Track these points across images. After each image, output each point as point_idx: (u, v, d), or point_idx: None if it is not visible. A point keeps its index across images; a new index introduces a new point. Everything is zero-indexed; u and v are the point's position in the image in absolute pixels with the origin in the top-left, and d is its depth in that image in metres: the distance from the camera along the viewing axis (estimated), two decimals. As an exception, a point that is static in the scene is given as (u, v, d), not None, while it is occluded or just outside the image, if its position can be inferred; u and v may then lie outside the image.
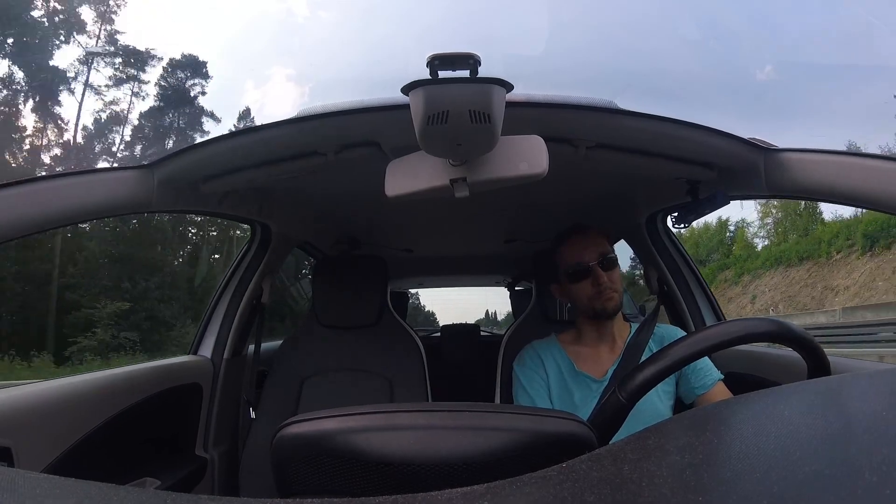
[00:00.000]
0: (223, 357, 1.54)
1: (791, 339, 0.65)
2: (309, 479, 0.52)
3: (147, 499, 0.34)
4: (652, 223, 1.61)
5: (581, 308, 1.19)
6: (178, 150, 1.04)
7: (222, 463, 1.48)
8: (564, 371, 1.18)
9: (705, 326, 0.80)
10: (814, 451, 0.29)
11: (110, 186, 0.98)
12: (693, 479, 0.29)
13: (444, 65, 0.65)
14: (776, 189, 1.00)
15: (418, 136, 0.74)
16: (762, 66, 25.68)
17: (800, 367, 0.68)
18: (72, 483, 0.32)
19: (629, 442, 0.36)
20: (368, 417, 0.51)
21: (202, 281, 14.99)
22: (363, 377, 1.53)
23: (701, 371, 1.12)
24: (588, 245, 1.17)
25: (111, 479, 0.33)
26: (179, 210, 1.19)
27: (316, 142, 1.05)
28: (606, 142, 1.05)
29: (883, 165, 0.81)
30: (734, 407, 0.43)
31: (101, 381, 1.16)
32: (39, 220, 0.87)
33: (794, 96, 29.89)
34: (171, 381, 1.35)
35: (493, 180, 0.82)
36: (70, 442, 1.01)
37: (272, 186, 1.34)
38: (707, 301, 1.58)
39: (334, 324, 1.61)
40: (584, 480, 0.30)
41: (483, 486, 0.31)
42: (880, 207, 0.81)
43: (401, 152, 0.88)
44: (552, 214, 1.76)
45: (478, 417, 0.52)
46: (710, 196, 1.22)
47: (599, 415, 0.65)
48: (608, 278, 1.14)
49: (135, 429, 1.20)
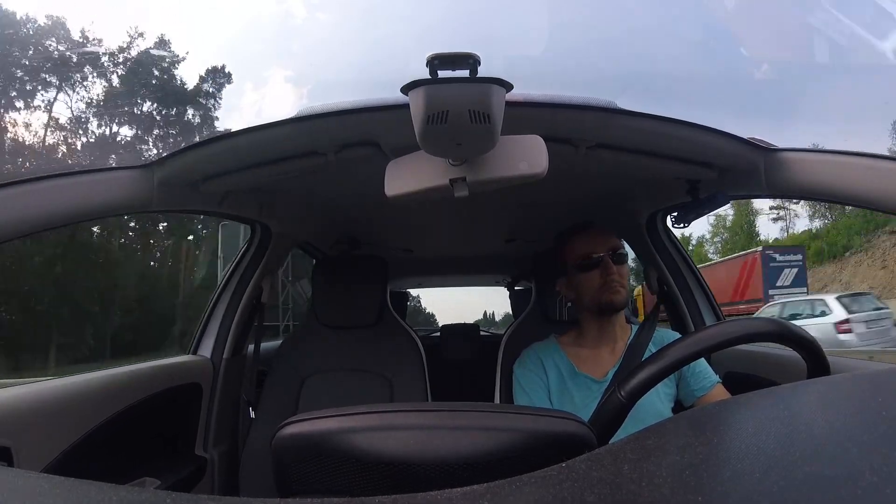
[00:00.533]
0: (223, 357, 1.53)
1: (791, 339, 0.65)
2: (309, 478, 0.52)
3: (147, 498, 0.34)
4: (652, 223, 1.61)
5: (587, 301, 1.18)
6: (178, 150, 1.04)
7: (222, 463, 1.48)
8: (564, 373, 1.17)
9: (705, 326, 0.80)
10: (814, 452, 0.29)
11: (110, 186, 0.98)
12: (693, 479, 0.29)
13: (443, 64, 0.65)
14: (776, 189, 1.00)
15: (418, 135, 0.73)
16: (759, 65, 25.71)
17: (800, 367, 0.68)
18: (71, 483, 0.32)
19: (629, 442, 0.36)
20: (368, 417, 0.51)
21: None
22: (363, 377, 1.53)
23: (699, 374, 1.13)
24: (600, 238, 1.18)
25: (111, 479, 0.33)
26: (179, 210, 1.19)
27: (315, 142, 1.05)
28: (606, 141, 1.05)
29: (883, 165, 0.81)
30: (734, 407, 0.43)
31: (100, 381, 1.16)
32: (38, 220, 0.87)
33: (793, 95, 29.99)
34: (170, 380, 1.35)
35: (493, 180, 0.82)
36: (70, 441, 1.01)
37: (272, 186, 1.33)
38: (707, 301, 1.58)
39: (334, 324, 1.61)
40: (584, 480, 0.30)
41: (483, 485, 0.31)
42: (880, 207, 0.81)
43: (400, 152, 0.88)
44: (552, 214, 1.76)
45: (477, 417, 0.52)
46: (710, 196, 1.22)
47: (599, 414, 0.65)
48: (617, 272, 1.15)
49: (134, 428, 1.20)
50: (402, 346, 1.57)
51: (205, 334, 1.57)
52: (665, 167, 1.13)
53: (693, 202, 1.27)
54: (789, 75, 28.84)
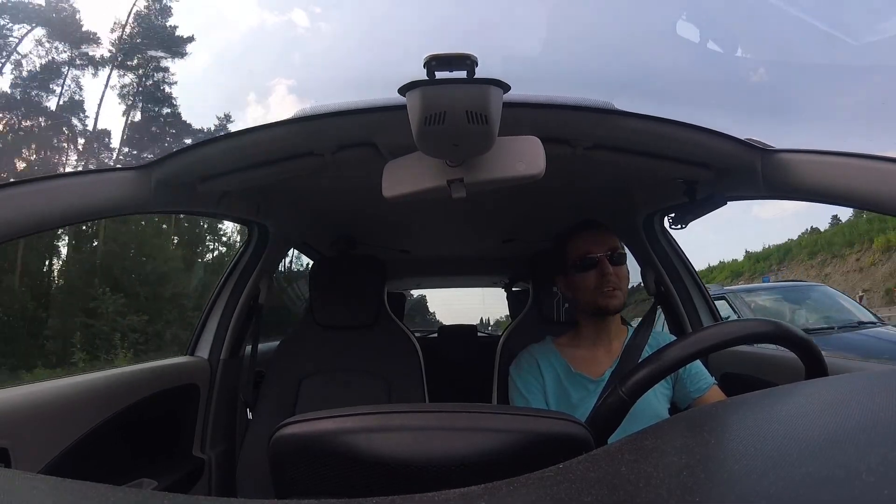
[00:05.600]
0: (220, 358, 1.53)
1: (790, 340, 0.65)
2: (306, 479, 0.52)
3: (144, 499, 0.34)
4: (649, 224, 1.61)
5: (583, 302, 1.18)
6: (176, 151, 1.04)
7: (219, 464, 1.48)
8: (561, 373, 1.17)
9: (704, 327, 0.80)
10: (811, 452, 0.29)
11: (108, 187, 0.98)
12: (690, 480, 0.29)
13: (441, 65, 0.65)
14: (773, 190, 1.00)
15: (415, 136, 0.73)
16: (756, 67, 25.83)
17: (797, 368, 0.68)
18: (69, 484, 0.32)
19: (626, 442, 0.36)
20: (366, 418, 0.51)
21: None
22: (360, 378, 1.53)
23: (695, 375, 1.13)
24: (599, 238, 1.18)
25: (108, 480, 0.33)
26: (177, 210, 1.19)
27: (313, 142, 1.05)
28: (603, 142, 1.05)
29: (880, 166, 0.81)
30: (731, 408, 0.43)
31: (98, 382, 1.16)
32: (37, 220, 0.87)
33: (789, 97, 30.09)
34: (168, 381, 1.34)
35: (491, 181, 0.82)
36: (67, 443, 1.01)
37: (269, 187, 1.33)
38: (704, 302, 1.58)
39: (332, 324, 1.60)
40: (581, 481, 0.30)
41: (480, 486, 0.31)
42: (877, 208, 0.82)
43: (398, 153, 0.88)
44: (549, 215, 1.76)
45: (475, 418, 0.52)
46: (707, 197, 1.22)
47: (599, 411, 0.65)
48: (615, 273, 1.15)
49: (132, 429, 1.20)
50: (399, 346, 1.57)
51: (202, 335, 1.57)
52: (662, 168, 1.13)
53: (690, 203, 1.28)
54: (789, 76, 28.95)
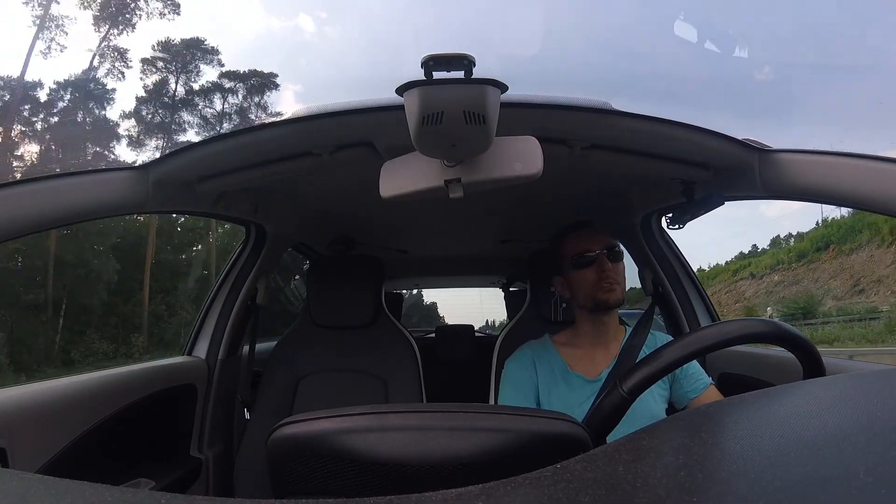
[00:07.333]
0: (218, 358, 1.53)
1: (787, 339, 0.65)
2: (304, 479, 0.51)
3: (142, 499, 0.34)
4: (647, 224, 1.61)
5: (582, 299, 1.18)
6: (174, 151, 1.04)
7: (217, 464, 1.47)
8: (557, 372, 1.18)
9: (703, 326, 0.80)
10: (809, 452, 0.29)
11: (105, 187, 0.98)
12: (688, 480, 0.29)
13: (438, 66, 0.65)
14: (771, 190, 1.00)
15: (413, 136, 0.73)
16: (760, 66, 25.86)
17: (795, 368, 0.68)
18: (66, 484, 0.32)
19: (624, 442, 0.36)
20: (363, 418, 0.51)
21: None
22: (358, 378, 1.53)
23: (692, 376, 1.14)
24: (595, 237, 1.19)
25: (106, 480, 0.33)
26: (174, 210, 1.19)
27: (311, 142, 1.05)
28: (601, 142, 1.05)
29: (877, 166, 0.81)
30: (729, 408, 0.43)
31: (95, 382, 1.16)
32: (34, 221, 0.87)
33: (791, 96, 30.16)
34: (165, 381, 1.34)
35: (488, 181, 0.82)
36: (65, 443, 1.01)
37: (267, 187, 1.33)
38: (702, 302, 1.58)
39: (329, 324, 1.60)
40: (579, 481, 0.30)
41: (477, 486, 0.31)
42: (874, 208, 0.82)
43: (395, 153, 0.88)
44: (547, 215, 1.76)
45: (472, 418, 0.52)
46: (705, 197, 1.22)
47: (598, 410, 0.65)
48: (613, 269, 1.16)
49: (129, 430, 1.19)
50: (397, 346, 1.57)
51: (200, 335, 1.57)
52: (660, 168, 1.13)
53: (688, 203, 1.28)
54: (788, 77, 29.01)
